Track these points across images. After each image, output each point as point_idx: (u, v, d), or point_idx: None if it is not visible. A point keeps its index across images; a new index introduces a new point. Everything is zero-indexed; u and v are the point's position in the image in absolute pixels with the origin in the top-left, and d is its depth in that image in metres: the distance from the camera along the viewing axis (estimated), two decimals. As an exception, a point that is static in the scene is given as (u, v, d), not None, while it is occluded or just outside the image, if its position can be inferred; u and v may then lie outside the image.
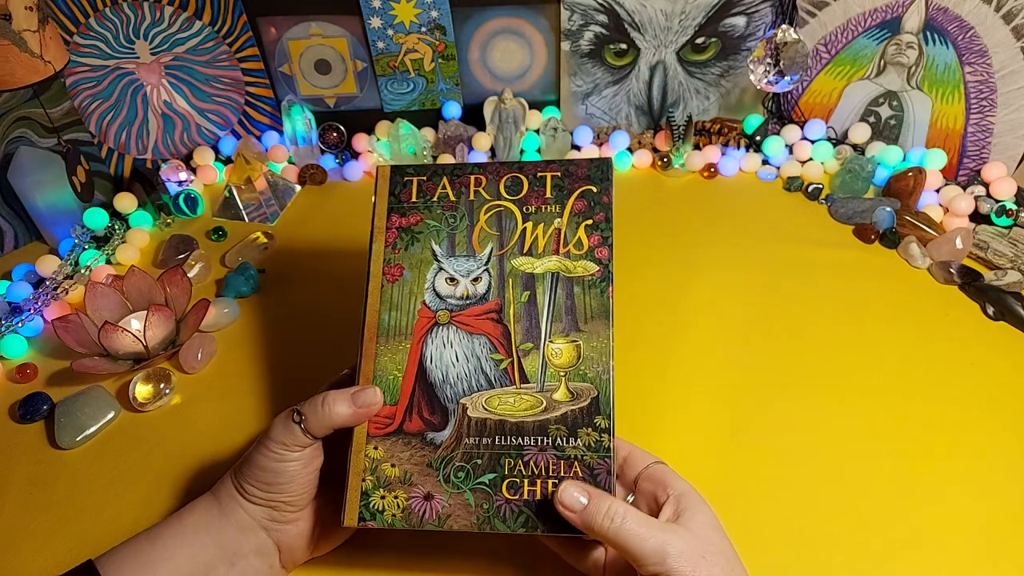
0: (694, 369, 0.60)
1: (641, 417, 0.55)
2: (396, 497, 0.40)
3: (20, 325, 0.65)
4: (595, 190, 0.46)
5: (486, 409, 0.42)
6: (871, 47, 0.82)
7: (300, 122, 0.87)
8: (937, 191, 0.79)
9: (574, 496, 0.37)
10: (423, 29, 0.84)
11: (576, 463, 0.40)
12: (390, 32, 0.85)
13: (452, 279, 0.45)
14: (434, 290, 0.45)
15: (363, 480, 0.41)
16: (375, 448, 0.42)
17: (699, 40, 0.85)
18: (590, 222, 0.45)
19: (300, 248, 0.77)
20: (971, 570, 0.45)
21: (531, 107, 0.88)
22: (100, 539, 0.48)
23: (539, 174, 0.47)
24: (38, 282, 0.72)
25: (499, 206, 0.47)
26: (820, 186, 0.81)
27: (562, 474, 0.40)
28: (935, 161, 0.80)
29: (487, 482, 0.40)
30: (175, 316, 0.63)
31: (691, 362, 0.61)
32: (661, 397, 0.57)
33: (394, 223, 0.48)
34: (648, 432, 0.54)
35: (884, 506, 0.49)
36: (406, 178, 0.48)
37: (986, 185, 0.77)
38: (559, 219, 0.46)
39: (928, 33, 0.78)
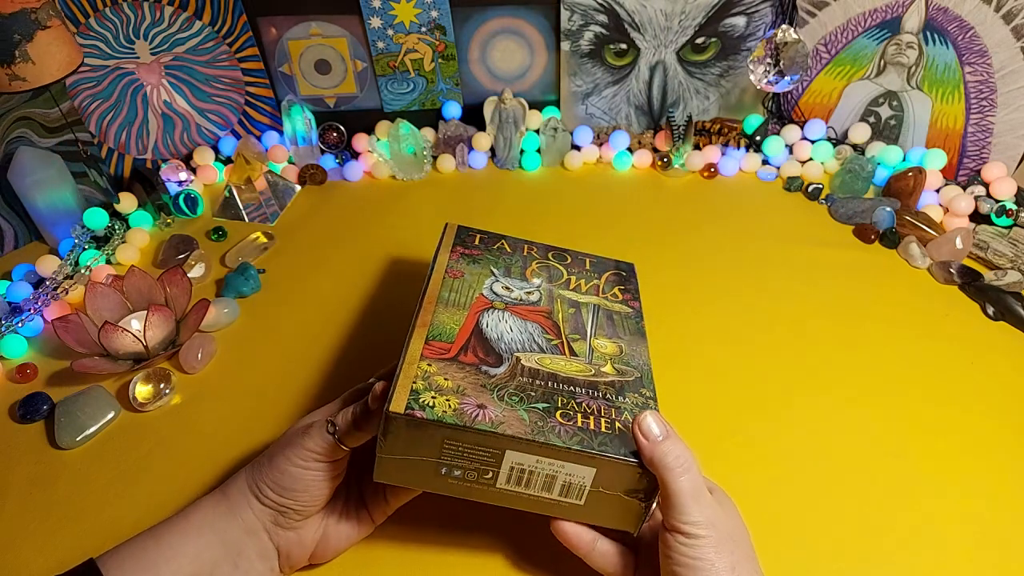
0: (694, 369, 0.60)
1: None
2: (448, 400, 0.38)
3: (20, 325, 0.65)
4: (624, 274, 0.55)
5: (539, 364, 0.43)
6: (871, 47, 0.82)
7: (300, 122, 0.87)
8: (937, 191, 0.79)
9: (654, 426, 0.38)
10: (423, 29, 0.85)
11: (627, 412, 0.41)
12: (390, 32, 0.85)
13: (508, 288, 0.50)
14: (491, 289, 0.49)
15: (414, 382, 0.39)
16: (429, 365, 0.41)
17: (699, 40, 0.85)
18: (623, 287, 0.54)
19: (300, 248, 0.77)
20: (971, 570, 0.45)
21: (531, 107, 0.88)
22: (100, 539, 0.48)
23: (579, 255, 0.56)
24: (38, 282, 0.72)
25: (547, 263, 0.54)
26: (820, 186, 0.81)
27: (613, 417, 0.40)
28: (935, 161, 0.80)
29: (541, 408, 0.40)
30: (175, 316, 0.63)
31: (691, 362, 0.61)
32: (660, 397, 0.57)
33: (458, 251, 0.53)
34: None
35: (884, 506, 0.49)
36: (471, 232, 0.56)
37: (986, 185, 0.77)
38: (597, 279, 0.54)
39: (928, 33, 0.78)
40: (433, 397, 0.38)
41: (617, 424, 0.39)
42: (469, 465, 0.38)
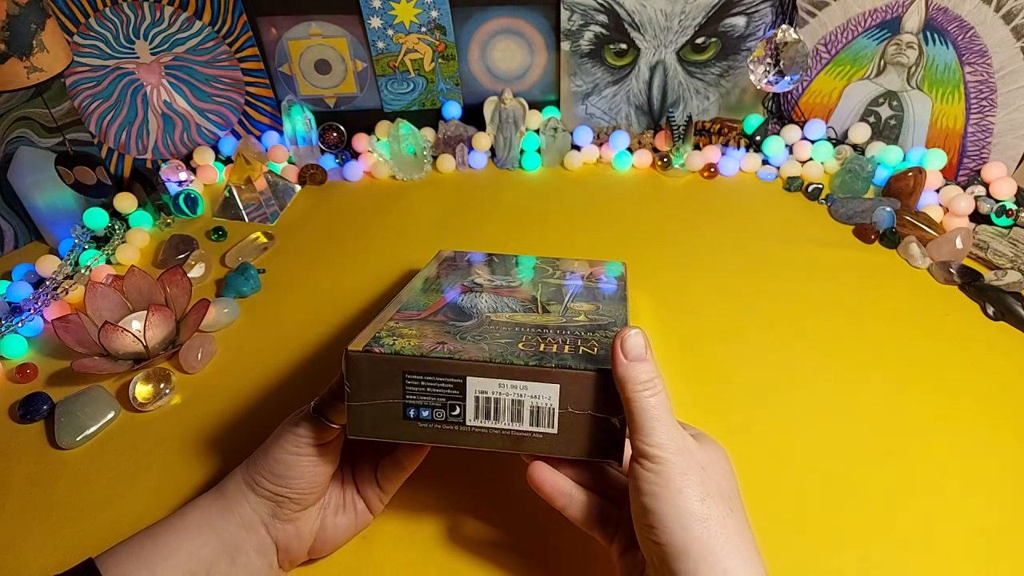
0: (693, 369, 0.60)
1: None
2: (408, 340, 0.39)
3: (20, 325, 0.65)
4: (616, 274, 0.57)
5: (509, 319, 0.44)
6: (871, 47, 0.82)
7: (300, 122, 0.87)
8: (937, 191, 0.79)
9: (639, 343, 0.35)
10: (423, 29, 0.85)
11: (595, 343, 0.40)
12: (390, 32, 0.85)
13: (491, 280, 0.53)
14: (473, 280, 0.52)
15: (378, 331, 0.40)
16: (396, 323, 0.42)
17: (699, 40, 0.85)
18: (606, 278, 0.55)
19: (300, 248, 0.77)
20: (970, 569, 0.45)
21: (531, 107, 0.88)
22: (100, 539, 0.48)
23: (570, 262, 0.59)
24: (38, 282, 0.72)
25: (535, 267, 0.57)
26: (820, 186, 0.81)
27: (579, 344, 0.39)
28: (935, 161, 0.80)
29: (503, 342, 0.39)
30: (175, 316, 0.63)
31: (690, 361, 0.60)
32: (661, 397, 0.57)
33: (446, 265, 0.57)
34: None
35: (884, 506, 0.49)
36: (461, 254, 0.61)
37: (986, 185, 0.77)
38: (584, 273, 0.56)
39: (928, 33, 0.78)
40: (394, 340, 0.39)
41: (582, 348, 0.39)
42: (435, 401, 0.38)
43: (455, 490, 0.50)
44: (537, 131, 0.89)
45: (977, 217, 0.75)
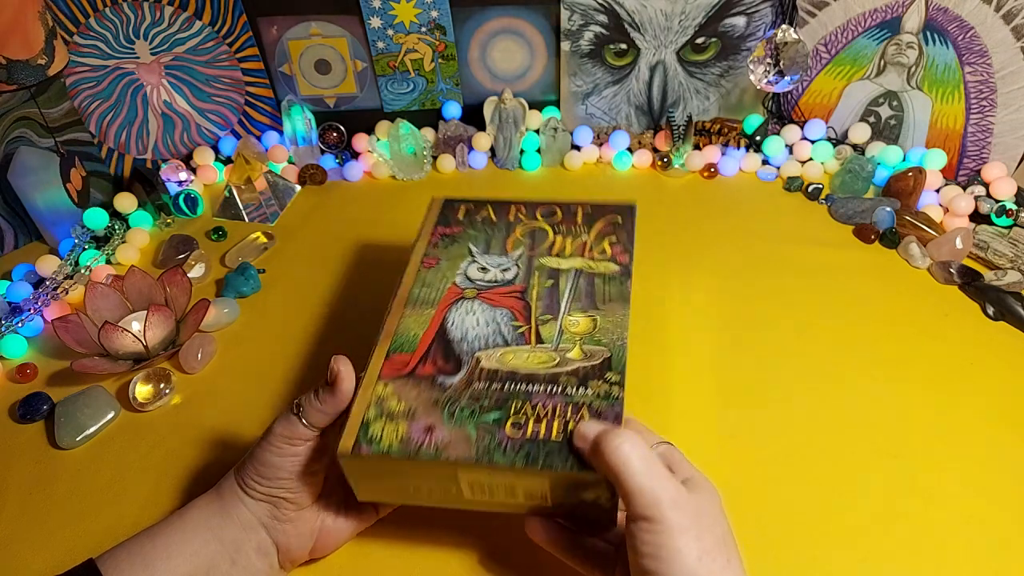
0: (693, 368, 0.60)
1: (638, 416, 0.55)
2: (397, 428, 0.39)
3: (20, 325, 0.65)
4: (620, 220, 0.53)
5: (500, 362, 0.43)
6: (871, 47, 0.82)
7: (300, 122, 0.87)
8: (937, 191, 0.79)
9: (588, 433, 0.36)
10: (423, 29, 0.85)
11: (584, 407, 0.39)
12: (390, 32, 0.85)
13: (484, 268, 0.49)
14: (465, 274, 0.49)
15: (366, 412, 0.40)
16: (385, 386, 0.41)
17: (699, 40, 0.85)
18: (614, 238, 0.51)
19: (300, 248, 0.77)
20: (970, 570, 0.45)
21: (531, 107, 0.88)
22: (100, 539, 0.48)
23: (572, 207, 0.54)
24: (38, 282, 0.72)
25: (533, 226, 0.53)
26: (820, 186, 0.81)
27: (568, 416, 0.39)
28: (935, 161, 0.80)
29: (491, 420, 0.39)
30: (175, 316, 0.63)
31: (690, 361, 0.60)
32: (659, 396, 0.57)
33: (439, 232, 0.53)
34: (648, 432, 0.54)
35: (883, 506, 0.49)
36: (455, 204, 0.55)
37: (986, 185, 0.77)
38: (586, 235, 0.52)
39: (928, 33, 0.78)
40: (383, 428, 0.39)
41: (570, 426, 0.39)
42: (432, 483, 0.39)
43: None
44: (537, 131, 0.89)
45: (977, 217, 0.75)
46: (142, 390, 0.58)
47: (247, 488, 0.41)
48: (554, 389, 0.40)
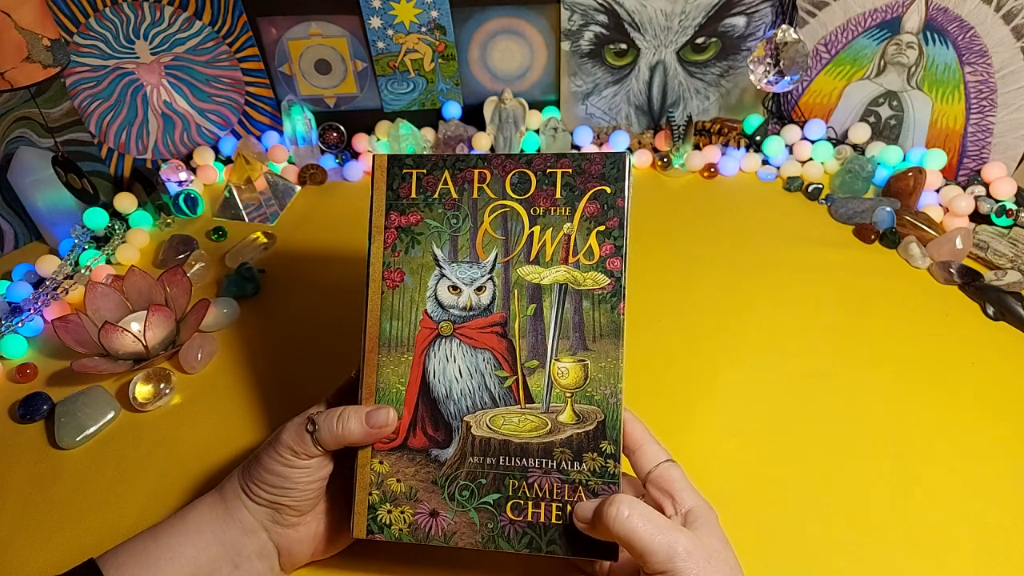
0: (693, 369, 0.60)
1: (639, 416, 0.55)
2: (403, 512, 0.41)
3: (20, 325, 0.65)
4: (609, 191, 0.42)
5: (490, 428, 0.41)
6: (871, 47, 0.82)
7: (300, 122, 0.87)
8: (937, 191, 0.79)
9: (588, 506, 0.38)
10: (423, 29, 0.85)
11: (581, 488, 0.40)
12: (390, 32, 0.85)
13: (455, 287, 0.43)
14: (436, 299, 0.43)
15: (370, 494, 0.41)
16: (380, 463, 0.42)
17: (699, 40, 0.85)
18: (602, 228, 0.42)
19: (300, 248, 0.77)
20: (970, 570, 0.45)
21: (531, 107, 0.88)
22: (100, 539, 0.48)
23: (548, 170, 0.43)
24: (38, 282, 0.72)
25: (504, 206, 0.43)
26: (820, 186, 0.81)
27: (566, 498, 0.40)
28: (935, 161, 0.80)
29: (491, 502, 0.40)
30: (175, 316, 0.63)
31: (690, 361, 0.60)
32: (659, 396, 0.57)
33: (393, 222, 0.46)
34: (648, 432, 0.54)
35: (884, 506, 0.49)
36: (405, 170, 0.46)
37: (986, 185, 0.77)
38: (569, 224, 0.42)
39: (928, 33, 0.78)
40: (389, 512, 0.41)
41: (568, 508, 0.40)
42: (446, 542, 0.41)
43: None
44: (537, 131, 0.89)
45: (977, 217, 0.75)
46: (142, 390, 0.58)
47: (250, 492, 0.41)
48: (549, 464, 0.40)
